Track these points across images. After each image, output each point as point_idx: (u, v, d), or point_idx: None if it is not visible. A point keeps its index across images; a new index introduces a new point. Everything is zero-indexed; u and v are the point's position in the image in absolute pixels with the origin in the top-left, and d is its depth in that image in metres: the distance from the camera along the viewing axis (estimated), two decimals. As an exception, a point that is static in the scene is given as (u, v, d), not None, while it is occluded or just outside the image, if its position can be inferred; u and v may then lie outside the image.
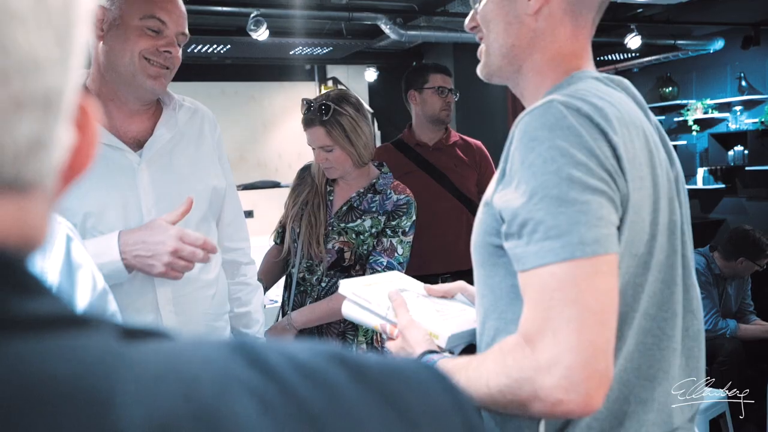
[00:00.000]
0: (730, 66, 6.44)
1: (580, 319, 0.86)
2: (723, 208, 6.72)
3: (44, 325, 0.28)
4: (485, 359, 0.97)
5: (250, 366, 0.31)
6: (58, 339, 0.28)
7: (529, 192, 0.91)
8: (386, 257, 2.15)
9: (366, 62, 6.39)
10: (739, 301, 3.78)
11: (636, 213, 0.96)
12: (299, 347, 0.34)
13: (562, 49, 1.10)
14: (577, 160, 0.90)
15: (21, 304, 0.28)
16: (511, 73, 1.15)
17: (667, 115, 7.04)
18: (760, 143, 6.27)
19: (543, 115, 0.94)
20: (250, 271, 1.88)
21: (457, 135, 3.17)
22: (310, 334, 2.19)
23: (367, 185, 2.24)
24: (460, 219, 3.06)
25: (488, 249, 1.04)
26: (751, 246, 3.61)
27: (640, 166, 0.98)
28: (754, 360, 3.60)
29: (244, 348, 0.32)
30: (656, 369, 1.01)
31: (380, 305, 1.27)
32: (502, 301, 1.03)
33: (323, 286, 2.19)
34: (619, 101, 1.02)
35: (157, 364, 0.29)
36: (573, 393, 0.85)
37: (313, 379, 0.32)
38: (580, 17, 1.11)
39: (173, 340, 0.32)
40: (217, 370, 0.30)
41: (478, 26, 1.17)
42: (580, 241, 0.88)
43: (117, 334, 0.30)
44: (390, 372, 0.35)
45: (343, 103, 2.15)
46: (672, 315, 1.03)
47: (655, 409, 1.01)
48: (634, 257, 0.97)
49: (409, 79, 3.12)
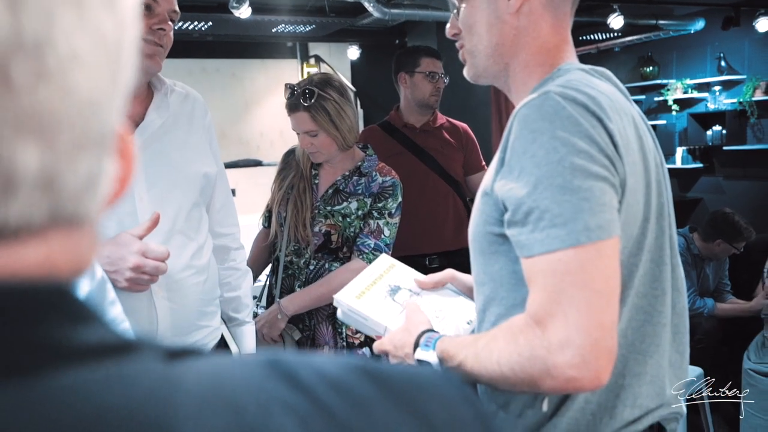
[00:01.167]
0: (710, 46, 6.49)
1: (589, 301, 0.91)
2: (700, 187, 6.82)
3: (97, 353, 0.29)
4: (495, 337, 1.00)
5: (286, 384, 0.32)
6: (112, 367, 0.29)
7: (534, 181, 0.95)
8: (373, 239, 2.17)
9: (349, 40, 6.35)
10: (717, 280, 3.86)
11: (631, 196, 1.00)
12: (326, 361, 0.36)
13: (545, 44, 1.13)
14: (579, 148, 0.94)
15: (75, 332, 0.29)
16: (497, 72, 1.17)
17: (647, 94, 7.09)
18: (738, 123, 6.35)
19: (541, 107, 0.97)
20: (239, 256, 1.89)
21: (443, 118, 3.18)
22: (301, 318, 2.21)
23: (353, 168, 2.25)
24: (447, 200, 3.08)
25: (488, 238, 1.07)
26: (729, 229, 3.67)
27: (633, 152, 1.02)
28: (730, 338, 3.68)
29: (278, 365, 0.34)
30: (648, 344, 1.07)
31: (378, 320, 1.29)
32: (503, 288, 1.07)
33: (311, 269, 2.21)
34: (607, 90, 1.06)
35: (201, 386, 0.30)
36: (585, 370, 0.90)
37: (343, 392, 0.33)
38: (559, 10, 1.14)
39: (209, 358, 0.33)
40: (258, 391, 0.31)
41: (460, 33, 1.19)
42: (584, 227, 0.92)
43: (161, 357, 0.32)
44: (413, 383, 0.36)
45: (326, 88, 2.14)
46: (662, 293, 1.08)
47: (648, 381, 1.06)
48: (629, 238, 1.02)
49: (399, 61, 3.10)
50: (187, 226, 1.62)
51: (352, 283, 1.37)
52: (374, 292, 1.33)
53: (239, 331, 1.89)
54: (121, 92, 0.33)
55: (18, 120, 0.28)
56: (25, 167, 0.28)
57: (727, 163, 6.57)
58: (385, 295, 1.33)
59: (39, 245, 0.30)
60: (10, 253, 0.29)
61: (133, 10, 0.33)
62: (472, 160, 3.19)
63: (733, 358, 3.50)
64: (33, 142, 0.28)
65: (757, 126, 6.21)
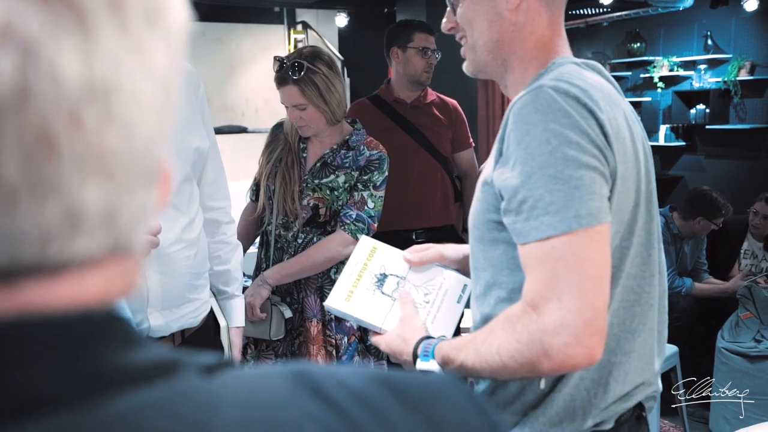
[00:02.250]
0: (698, 24, 6.50)
1: (581, 284, 0.97)
2: (682, 165, 6.89)
3: (147, 374, 0.31)
4: (493, 331, 1.05)
5: (314, 397, 0.34)
6: (162, 388, 0.31)
7: (527, 171, 1.00)
8: (356, 210, 2.19)
9: (337, 7, 6.29)
10: (694, 259, 3.93)
11: (623, 183, 1.06)
12: (347, 372, 0.38)
13: (542, 38, 1.17)
14: (570, 139, 0.99)
15: (128, 356, 0.31)
16: (496, 67, 1.21)
17: (633, 71, 7.11)
18: (722, 102, 6.40)
19: (535, 100, 1.02)
20: (230, 230, 1.90)
21: (434, 94, 3.17)
22: (288, 289, 2.24)
23: (341, 142, 2.26)
24: (435, 177, 3.09)
25: (488, 225, 1.12)
26: (708, 206, 3.73)
27: (624, 141, 1.07)
28: (706, 317, 3.76)
29: (305, 378, 0.35)
30: (637, 323, 1.13)
31: (371, 322, 1.31)
32: (502, 273, 1.12)
33: (299, 243, 2.22)
34: (598, 83, 1.10)
35: (239, 403, 0.32)
36: (579, 348, 0.96)
37: (366, 404, 0.35)
38: (554, 5, 1.18)
39: (240, 372, 0.35)
40: (290, 408, 0.33)
41: (456, 27, 1.22)
42: (576, 215, 0.98)
43: (200, 372, 0.33)
44: (428, 392, 0.39)
45: (316, 61, 2.14)
46: (650, 275, 1.15)
47: (637, 358, 1.14)
48: (622, 223, 1.08)
49: (392, 35, 3.07)
50: (179, 200, 1.63)
51: (339, 282, 1.35)
52: (362, 289, 1.33)
53: (228, 305, 1.91)
54: (170, 124, 0.34)
55: (86, 160, 0.29)
56: (91, 205, 0.30)
57: (709, 142, 6.64)
58: (373, 289, 1.33)
59: (98, 275, 0.32)
60: (74, 284, 0.31)
61: (182, 45, 0.35)
62: (460, 137, 3.20)
63: (708, 337, 3.58)
64: (98, 181, 0.30)
65: (740, 106, 6.27)
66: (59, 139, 0.28)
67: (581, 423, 1.11)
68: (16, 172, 0.27)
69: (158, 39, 0.32)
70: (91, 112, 0.29)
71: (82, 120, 0.29)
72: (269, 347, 2.27)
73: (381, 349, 1.28)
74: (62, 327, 0.30)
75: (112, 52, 0.29)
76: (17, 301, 0.29)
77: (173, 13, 0.33)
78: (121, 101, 0.30)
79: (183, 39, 0.34)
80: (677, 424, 3.40)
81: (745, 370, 3.21)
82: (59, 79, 0.28)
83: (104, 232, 0.31)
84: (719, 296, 3.74)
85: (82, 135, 0.29)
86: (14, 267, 0.29)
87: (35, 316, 0.29)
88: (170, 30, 0.33)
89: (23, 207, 0.28)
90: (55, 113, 0.28)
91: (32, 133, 0.27)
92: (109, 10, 0.29)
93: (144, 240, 0.35)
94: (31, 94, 0.27)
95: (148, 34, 0.31)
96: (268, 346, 2.28)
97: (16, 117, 0.27)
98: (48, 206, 0.29)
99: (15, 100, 0.27)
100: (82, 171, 0.29)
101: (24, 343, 0.29)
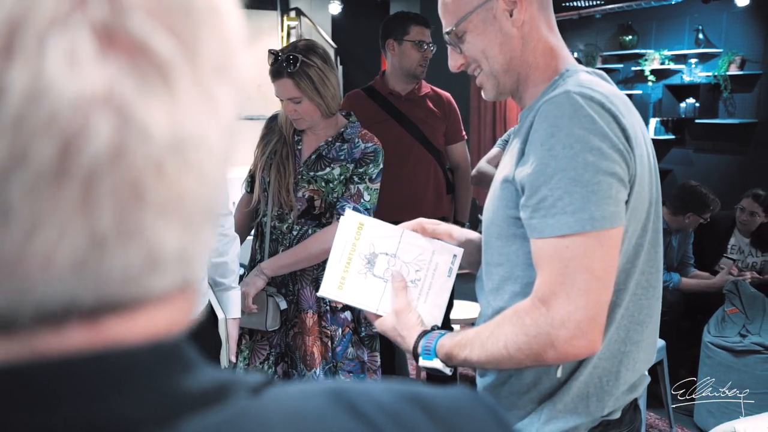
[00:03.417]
0: (689, 18, 6.53)
1: (589, 284, 1.05)
2: (671, 159, 6.94)
3: (208, 398, 0.33)
4: (500, 325, 1.13)
5: (351, 415, 0.36)
6: (221, 411, 0.33)
7: (549, 172, 1.07)
8: (352, 203, 2.20)
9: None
10: (681, 253, 3.97)
11: (640, 184, 1.12)
12: (379, 389, 0.40)
13: (547, 43, 1.23)
14: (592, 145, 1.05)
15: (193, 382, 0.33)
16: (513, 84, 1.25)
17: (625, 63, 7.14)
18: (712, 97, 6.44)
19: (562, 105, 1.08)
20: (227, 222, 1.91)
21: (428, 86, 3.17)
22: (283, 280, 2.25)
23: (335, 134, 2.27)
24: (428, 170, 3.11)
25: (507, 221, 1.19)
26: (697, 201, 3.77)
27: (641, 144, 1.14)
28: (692, 311, 3.81)
29: (342, 396, 0.38)
30: (644, 315, 1.21)
31: (366, 308, 1.33)
32: (518, 268, 1.19)
33: (294, 235, 2.24)
34: (613, 90, 1.16)
35: (287, 424, 0.35)
36: (583, 341, 1.06)
37: (399, 421, 0.38)
38: (548, 10, 1.24)
39: (283, 389, 0.37)
40: (333, 427, 0.35)
41: (465, 63, 1.26)
42: (590, 216, 1.05)
43: (250, 393, 0.36)
44: (456, 409, 0.41)
45: (310, 55, 2.14)
46: (656, 270, 1.22)
47: (644, 348, 1.22)
48: (638, 222, 1.14)
49: (388, 27, 3.06)
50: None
51: (329, 267, 1.35)
52: (353, 273, 1.33)
53: (225, 296, 1.93)
54: (231, 164, 0.37)
55: (167, 207, 0.32)
56: (168, 247, 0.32)
57: (698, 136, 6.69)
58: (364, 273, 1.33)
59: (168, 308, 0.35)
60: (149, 318, 0.33)
61: (243, 91, 0.37)
62: (453, 130, 3.21)
63: (694, 332, 3.63)
64: (176, 224, 0.32)
65: (730, 100, 6.32)
66: (146, 189, 0.30)
67: (595, 410, 1.19)
68: (109, 221, 0.30)
69: (225, 89, 0.34)
70: (172, 162, 0.31)
71: (165, 170, 0.31)
72: (264, 338, 2.29)
73: (379, 331, 1.32)
74: (139, 358, 0.32)
75: (189, 106, 0.32)
76: (101, 336, 0.31)
77: (238, 66, 0.36)
78: (195, 150, 0.32)
79: (244, 85, 0.37)
80: (662, 416, 3.46)
81: (730, 365, 3.27)
82: (149, 135, 0.30)
83: (177, 270, 0.33)
84: (706, 291, 3.78)
85: (165, 184, 0.31)
86: (100, 305, 0.31)
87: (117, 349, 0.32)
88: (235, 79, 0.36)
89: (111, 251, 0.30)
90: (143, 166, 0.30)
91: (125, 185, 0.30)
92: (187, 68, 0.31)
93: (202, 272, 0.37)
94: (124, 151, 0.29)
95: (218, 86, 0.34)
96: (263, 337, 2.29)
97: (111, 172, 0.29)
98: (132, 250, 0.31)
99: (111, 158, 0.29)
100: (163, 216, 0.31)
101: (109, 374, 0.31)
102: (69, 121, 0.28)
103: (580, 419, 1.18)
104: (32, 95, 0.27)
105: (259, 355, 2.29)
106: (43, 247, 0.29)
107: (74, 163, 0.28)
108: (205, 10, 0.33)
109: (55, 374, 0.30)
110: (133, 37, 0.29)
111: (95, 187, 0.29)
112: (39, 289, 0.29)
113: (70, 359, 0.30)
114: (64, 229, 0.29)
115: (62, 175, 0.28)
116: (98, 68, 0.28)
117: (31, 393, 0.29)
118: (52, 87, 0.27)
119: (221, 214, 1.88)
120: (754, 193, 3.99)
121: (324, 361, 2.24)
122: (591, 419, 1.19)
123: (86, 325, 0.31)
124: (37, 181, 0.28)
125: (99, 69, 0.28)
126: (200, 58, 0.32)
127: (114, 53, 0.29)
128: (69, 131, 0.28)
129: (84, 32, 0.28)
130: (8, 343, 0.30)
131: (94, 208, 0.29)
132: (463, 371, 3.93)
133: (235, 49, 0.35)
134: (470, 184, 3.28)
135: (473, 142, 6.73)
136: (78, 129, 0.28)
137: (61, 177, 0.28)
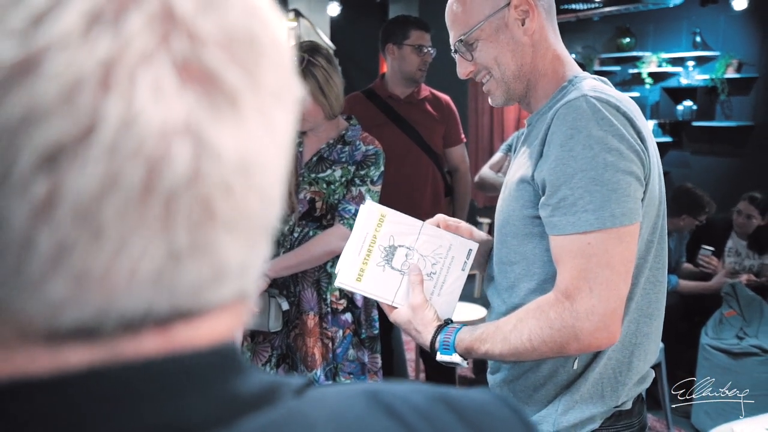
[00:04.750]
0: (687, 21, 6.56)
1: (610, 278, 1.11)
2: (668, 162, 6.96)
3: (259, 399, 0.36)
4: (522, 320, 1.18)
5: (388, 416, 0.39)
6: (272, 411, 0.36)
7: (570, 172, 1.12)
8: (354, 205, 2.21)
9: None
10: (677, 255, 3.99)
11: (652, 184, 1.18)
12: (410, 390, 0.42)
13: (555, 50, 1.27)
14: (611, 146, 1.10)
15: (241, 384, 0.36)
16: (522, 90, 1.29)
17: (622, 66, 7.16)
18: (709, 99, 6.47)
19: (580, 108, 1.13)
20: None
21: (427, 89, 3.18)
22: (285, 282, 2.26)
23: (336, 136, 2.28)
24: (426, 173, 3.11)
25: (524, 221, 1.23)
26: (692, 203, 3.80)
27: (652, 145, 1.20)
28: (690, 314, 3.82)
29: (377, 397, 0.40)
30: (653, 308, 1.26)
31: (383, 299, 1.34)
32: (535, 265, 1.24)
33: (295, 236, 2.24)
34: (621, 94, 1.21)
35: (328, 422, 0.37)
36: (605, 332, 1.12)
37: (431, 422, 0.40)
38: (551, 15, 1.29)
39: (322, 391, 0.40)
40: (371, 426, 0.38)
41: (474, 69, 1.30)
42: (611, 214, 1.10)
43: (294, 394, 0.38)
44: (483, 411, 0.43)
45: (316, 55, 2.15)
46: (663, 265, 1.28)
47: (653, 340, 1.28)
48: (651, 219, 1.20)
49: (388, 31, 3.06)
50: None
51: (347, 255, 1.34)
52: (372, 265, 1.34)
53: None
54: (284, 181, 0.39)
55: (234, 224, 0.34)
56: (233, 260, 0.35)
57: (695, 139, 6.71)
58: (383, 265, 1.34)
59: (227, 316, 0.37)
60: (212, 325, 0.36)
61: (296, 111, 0.39)
62: (452, 133, 3.22)
63: (692, 334, 3.64)
64: (240, 240, 0.35)
65: (727, 103, 6.34)
66: (216, 207, 0.33)
67: (610, 400, 1.24)
68: (184, 237, 0.32)
69: (281, 113, 0.37)
70: (239, 182, 0.34)
71: (233, 190, 0.33)
72: (266, 339, 2.30)
73: (392, 321, 1.34)
74: (205, 361, 0.35)
75: (253, 130, 0.34)
76: (171, 341, 0.34)
77: (293, 90, 0.38)
78: (258, 170, 0.35)
79: (297, 107, 0.39)
80: (660, 418, 3.47)
81: (728, 367, 3.28)
82: (220, 158, 0.32)
83: (237, 281, 0.36)
84: (703, 293, 3.79)
85: (232, 202, 0.34)
86: (172, 313, 0.34)
87: (186, 353, 0.34)
88: (290, 104, 0.38)
89: (185, 265, 0.33)
90: (215, 187, 0.33)
91: (198, 205, 0.32)
92: (251, 95, 0.34)
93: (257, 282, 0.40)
94: (199, 173, 0.32)
95: (275, 111, 0.36)
96: (264, 339, 2.30)
97: (188, 193, 0.32)
98: (203, 263, 0.33)
99: (188, 179, 0.31)
100: (231, 233, 0.34)
101: (179, 376, 0.34)
102: (154, 148, 0.30)
103: (596, 408, 1.23)
104: (124, 125, 0.30)
105: (260, 356, 2.30)
106: (129, 263, 0.31)
107: (158, 185, 0.31)
108: (266, 41, 0.36)
109: (134, 376, 0.33)
110: (207, 68, 0.32)
111: (174, 206, 0.31)
112: (122, 300, 0.32)
113: (146, 362, 0.33)
114: (146, 245, 0.31)
115: (147, 197, 0.31)
116: (179, 98, 0.31)
117: (115, 393, 0.32)
118: (141, 117, 0.30)
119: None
120: (751, 196, 4.01)
121: (324, 363, 2.25)
122: (606, 409, 1.24)
123: (159, 332, 0.34)
124: (126, 202, 0.30)
125: (179, 99, 0.31)
126: (261, 85, 0.35)
127: (191, 84, 0.31)
128: (154, 156, 0.30)
129: (167, 66, 0.31)
130: (93, 348, 0.32)
131: (172, 226, 0.32)
132: (461, 372, 3.95)
133: (289, 76, 0.38)
134: (468, 187, 3.30)
135: (470, 144, 6.74)
136: (162, 154, 0.31)
137: (146, 198, 0.31)
